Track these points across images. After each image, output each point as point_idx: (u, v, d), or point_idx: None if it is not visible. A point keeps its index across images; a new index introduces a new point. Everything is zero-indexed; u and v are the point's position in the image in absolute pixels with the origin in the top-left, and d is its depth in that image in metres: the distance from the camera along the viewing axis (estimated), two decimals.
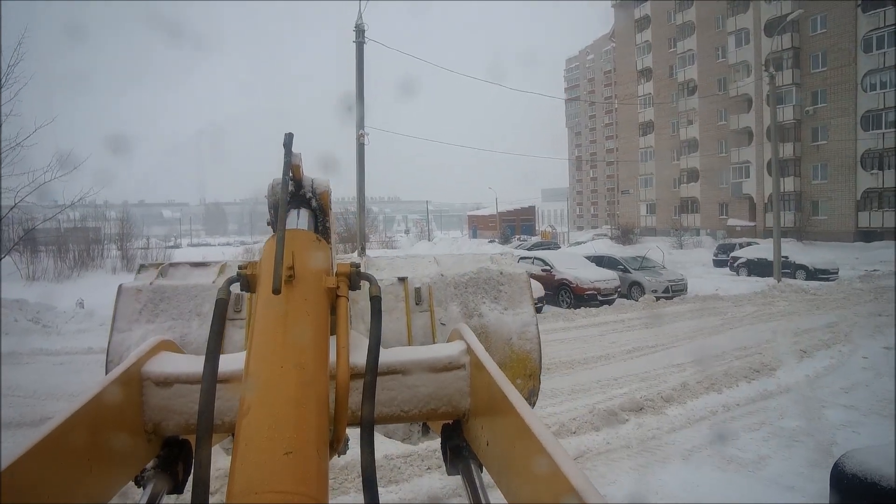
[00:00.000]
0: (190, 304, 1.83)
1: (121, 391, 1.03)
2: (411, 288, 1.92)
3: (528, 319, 1.94)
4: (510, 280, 2.03)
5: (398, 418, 1.20)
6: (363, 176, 13.84)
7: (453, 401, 1.19)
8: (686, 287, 20.12)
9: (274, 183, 1.27)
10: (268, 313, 1.01)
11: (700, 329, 14.42)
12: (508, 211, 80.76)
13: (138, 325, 1.79)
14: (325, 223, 1.35)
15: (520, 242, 52.00)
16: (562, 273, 18.69)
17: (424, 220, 79.24)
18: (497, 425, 1.02)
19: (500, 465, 0.99)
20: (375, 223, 59.68)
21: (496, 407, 1.01)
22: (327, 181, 1.37)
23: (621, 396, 8.67)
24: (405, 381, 1.19)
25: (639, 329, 14.82)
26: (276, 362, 0.93)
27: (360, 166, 13.75)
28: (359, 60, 13.59)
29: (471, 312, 1.93)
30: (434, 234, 69.61)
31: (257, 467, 0.78)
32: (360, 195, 14.03)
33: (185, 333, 1.76)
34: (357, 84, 13.56)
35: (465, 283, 2.00)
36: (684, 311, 17.02)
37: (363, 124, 13.53)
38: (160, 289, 1.85)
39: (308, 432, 0.85)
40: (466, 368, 1.19)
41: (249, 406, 0.86)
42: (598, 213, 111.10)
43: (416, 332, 1.87)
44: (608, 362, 11.46)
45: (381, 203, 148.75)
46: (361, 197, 14.07)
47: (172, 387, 1.11)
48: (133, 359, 1.12)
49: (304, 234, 1.21)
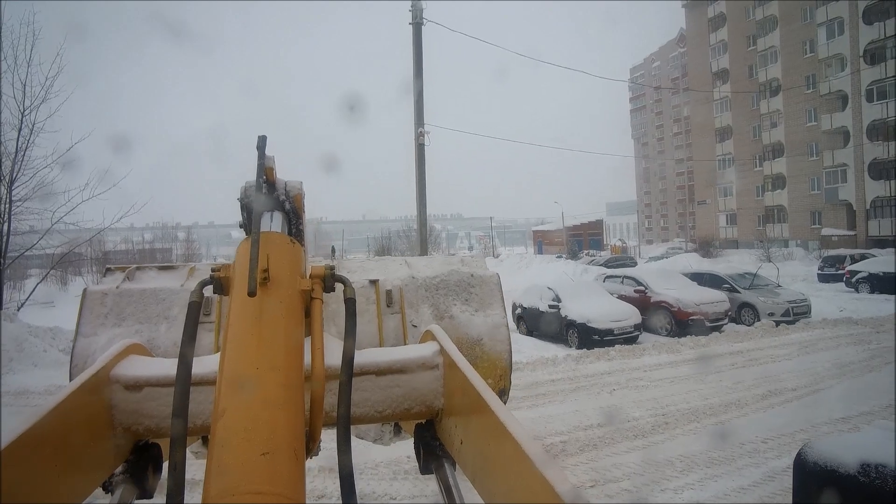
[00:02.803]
0: (158, 308, 1.81)
1: (89, 395, 1.03)
2: (382, 290, 1.94)
3: (499, 321, 1.98)
4: (481, 282, 2.07)
5: (372, 419, 1.22)
6: (423, 181, 11.72)
7: (427, 401, 1.21)
8: (809, 309, 16.81)
9: (247, 185, 1.29)
10: (242, 315, 1.00)
11: (845, 364, 11.40)
12: (575, 225, 78.25)
13: (104, 329, 1.75)
14: (299, 226, 1.36)
15: (591, 258, 49.05)
16: (660, 294, 15.85)
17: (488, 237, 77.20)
18: (471, 424, 1.04)
19: (474, 464, 1.01)
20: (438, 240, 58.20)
21: (470, 406, 1.03)
22: (300, 184, 1.37)
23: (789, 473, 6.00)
24: (379, 382, 1.20)
25: (764, 363, 11.93)
26: (252, 364, 0.92)
27: (419, 169, 11.66)
28: (416, 45, 11.52)
29: (442, 314, 1.96)
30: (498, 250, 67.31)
31: (234, 469, 0.77)
32: (419, 202, 11.90)
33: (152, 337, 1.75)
34: (415, 73, 11.52)
35: (436, 285, 2.03)
36: (815, 340, 13.91)
37: (422, 120, 11.49)
38: (127, 292, 1.83)
39: (284, 433, 0.84)
40: (440, 368, 1.22)
41: (225, 408, 0.85)
42: (668, 225, 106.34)
43: (388, 334, 1.88)
44: (741, 413, 8.79)
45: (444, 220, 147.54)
46: (422, 204, 11.94)
47: (143, 390, 1.11)
48: (102, 362, 1.11)
49: (279, 236, 1.20)
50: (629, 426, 8.35)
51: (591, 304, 14.54)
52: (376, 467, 6.78)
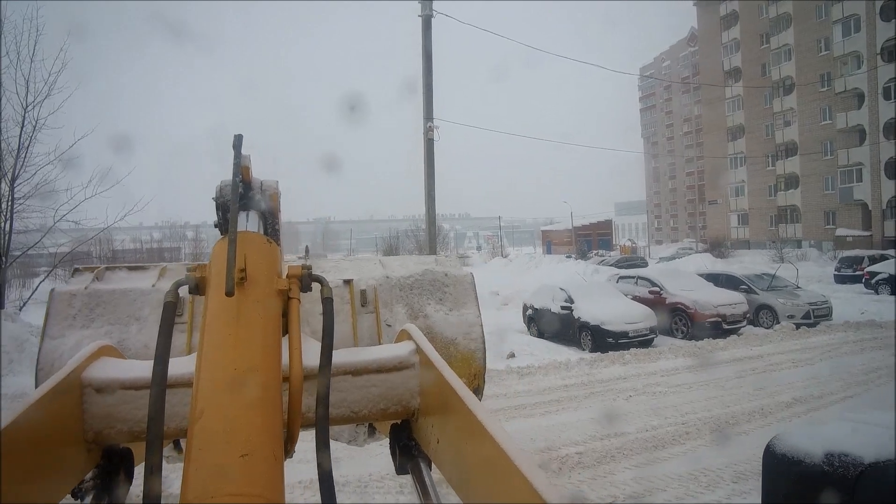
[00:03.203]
0: (128, 309, 1.78)
1: (59, 399, 1.00)
2: (357, 290, 1.93)
3: (473, 320, 1.98)
4: (455, 281, 2.08)
5: (349, 419, 1.21)
6: (432, 176, 11.28)
7: (403, 400, 1.21)
8: (831, 311, 16.27)
9: (222, 184, 1.29)
10: (219, 316, 0.99)
11: (872, 370, 10.95)
12: (584, 225, 77.76)
13: (72, 331, 1.71)
14: (275, 225, 1.35)
15: (601, 258, 48.54)
16: (675, 295, 15.37)
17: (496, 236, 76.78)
18: (448, 423, 1.04)
19: (451, 462, 1.01)
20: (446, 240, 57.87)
21: (447, 405, 1.03)
22: (276, 183, 1.37)
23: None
24: (355, 382, 1.20)
25: (786, 368, 11.48)
26: (230, 365, 0.91)
27: (428, 165, 11.22)
28: (425, 38, 11.10)
29: (416, 313, 1.96)
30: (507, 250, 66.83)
31: (213, 471, 0.76)
32: (428, 198, 11.46)
33: (123, 339, 1.71)
34: (424, 67, 11.10)
35: (410, 284, 2.04)
36: (838, 343, 13.42)
37: (432, 115, 11.07)
38: (96, 293, 1.79)
39: (263, 435, 0.83)
40: (416, 368, 1.22)
41: (202, 410, 0.84)
42: (678, 226, 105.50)
43: (362, 334, 1.87)
44: (766, 422, 8.39)
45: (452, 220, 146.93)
46: (430, 200, 11.48)
47: (115, 393, 1.09)
48: (72, 365, 1.09)
49: (255, 236, 1.19)
50: (648, 436, 7.94)
51: (604, 306, 14.10)
52: (382, 480, 6.41)
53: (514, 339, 14.89)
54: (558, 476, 6.79)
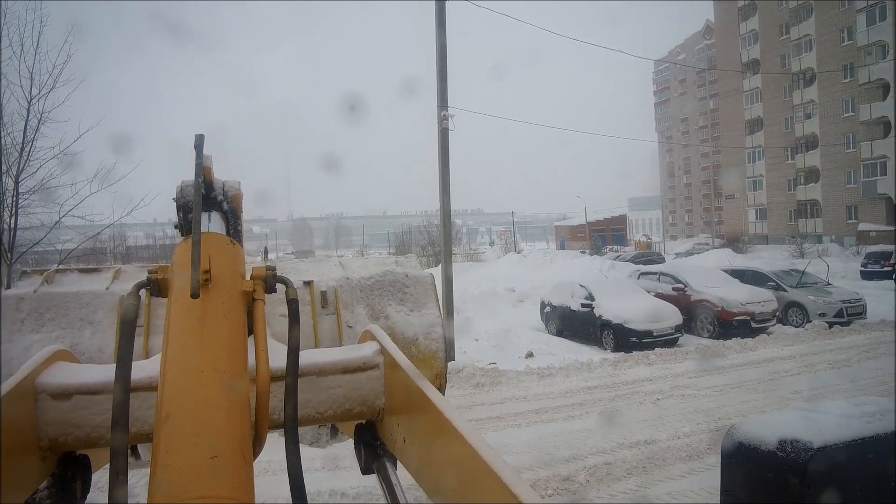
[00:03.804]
0: (81, 312, 1.76)
1: (12, 405, 0.97)
2: (317, 291, 1.97)
3: (434, 320, 2.05)
4: (415, 282, 2.13)
5: (314, 420, 1.21)
6: (447, 168, 10.65)
7: (368, 400, 1.22)
8: (865, 309, 15.52)
9: (182, 185, 1.27)
10: (184, 318, 0.98)
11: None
12: (598, 221, 76.86)
13: (21, 335, 1.67)
14: (237, 226, 1.34)
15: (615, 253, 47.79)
16: (701, 292, 14.70)
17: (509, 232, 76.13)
18: (415, 422, 1.05)
19: (418, 460, 1.02)
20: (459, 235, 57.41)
21: (413, 404, 1.04)
22: (238, 183, 1.35)
23: None
24: (320, 383, 1.20)
25: (823, 370, 10.86)
26: (196, 367, 0.90)
27: (442, 156, 10.62)
28: (439, 24, 10.42)
29: (377, 314, 2.01)
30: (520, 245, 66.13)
31: (181, 473, 0.75)
32: (443, 191, 10.83)
33: (76, 343, 1.68)
34: (438, 53, 10.51)
35: (370, 285, 2.09)
36: (875, 343, 12.76)
37: (446, 102, 10.50)
38: (46, 296, 1.76)
39: (232, 436, 0.83)
40: (380, 368, 1.23)
41: (168, 413, 0.83)
42: (692, 220, 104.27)
43: (323, 336, 1.92)
44: None
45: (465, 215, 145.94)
46: (445, 193, 10.85)
47: (72, 398, 1.06)
48: (26, 370, 1.07)
49: (219, 237, 1.18)
50: (681, 444, 7.39)
51: (627, 303, 13.50)
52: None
53: (531, 338, 14.36)
54: (586, 489, 6.28)
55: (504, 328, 14.83)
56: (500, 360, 12.11)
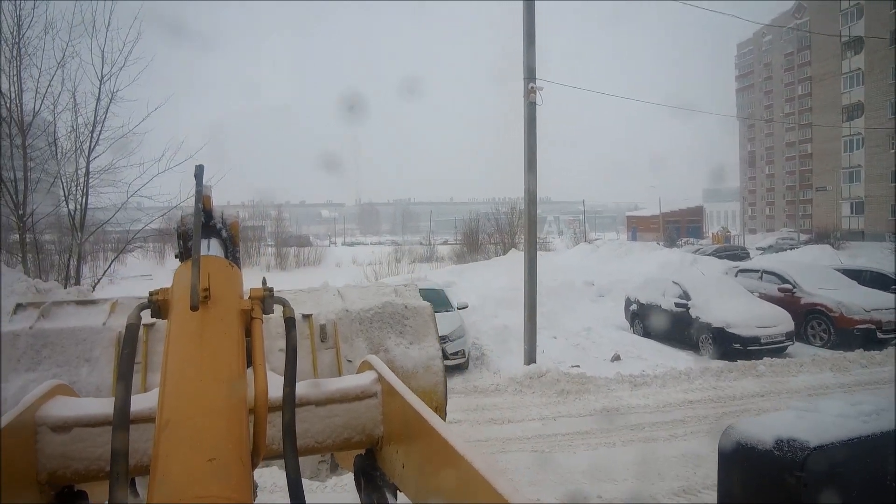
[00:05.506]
0: (78, 349, 1.75)
1: (12, 439, 0.97)
2: (316, 325, 1.97)
3: (434, 353, 2.04)
4: (415, 313, 2.14)
5: (313, 450, 1.21)
6: (534, 146, 9.45)
7: (367, 429, 1.22)
8: None
9: (182, 215, 1.31)
10: (183, 332, 0.99)
11: None
12: (672, 211, 73.51)
13: (17, 374, 1.65)
14: (235, 253, 1.37)
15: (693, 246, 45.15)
16: (813, 295, 12.89)
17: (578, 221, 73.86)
18: (414, 448, 1.05)
19: (418, 486, 1.02)
20: None
21: (412, 430, 1.04)
22: (236, 212, 1.38)
23: None
24: (318, 413, 1.19)
25: None
26: (195, 376, 0.91)
27: (529, 134, 9.41)
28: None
29: (377, 348, 1.99)
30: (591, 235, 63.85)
31: (180, 475, 0.76)
32: (529, 174, 9.61)
33: (73, 381, 1.63)
34: (525, 16, 9.29)
35: (370, 318, 2.08)
36: None
37: (534, 74, 9.31)
38: (42, 333, 1.76)
39: (230, 440, 0.83)
40: (378, 396, 1.23)
41: (168, 420, 0.84)
42: (774, 213, 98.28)
43: (323, 370, 1.89)
44: None
45: None
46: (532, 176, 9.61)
47: (72, 431, 1.07)
48: (26, 404, 1.07)
49: (218, 259, 1.20)
50: None
51: (729, 305, 11.94)
52: None
53: (615, 338, 13.07)
54: None
55: (585, 326, 13.61)
56: (583, 362, 10.96)
